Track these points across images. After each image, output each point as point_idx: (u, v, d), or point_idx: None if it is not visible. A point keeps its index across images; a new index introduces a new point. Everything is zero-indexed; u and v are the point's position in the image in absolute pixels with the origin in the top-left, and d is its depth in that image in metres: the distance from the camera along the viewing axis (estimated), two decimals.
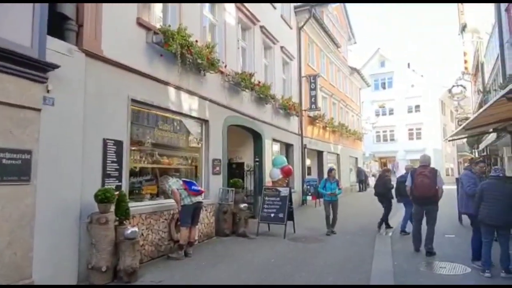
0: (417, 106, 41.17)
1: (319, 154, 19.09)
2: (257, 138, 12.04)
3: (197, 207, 6.74)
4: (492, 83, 14.35)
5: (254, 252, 7.13)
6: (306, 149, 16.43)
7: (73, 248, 5.02)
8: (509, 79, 9.08)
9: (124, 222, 5.52)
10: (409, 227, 8.03)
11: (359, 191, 25.07)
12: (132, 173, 6.61)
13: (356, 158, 26.68)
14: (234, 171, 12.30)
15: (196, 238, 7.47)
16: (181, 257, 6.49)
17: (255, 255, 6.92)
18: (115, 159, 5.82)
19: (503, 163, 16.15)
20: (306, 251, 7.25)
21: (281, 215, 8.75)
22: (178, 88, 7.52)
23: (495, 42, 12.68)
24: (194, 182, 6.92)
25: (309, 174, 18.40)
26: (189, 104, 7.96)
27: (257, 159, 11.71)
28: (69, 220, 4.98)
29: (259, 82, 10.73)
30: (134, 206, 6.16)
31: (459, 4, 22.79)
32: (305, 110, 16.29)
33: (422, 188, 6.70)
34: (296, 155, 15.41)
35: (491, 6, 13.11)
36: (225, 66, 9.37)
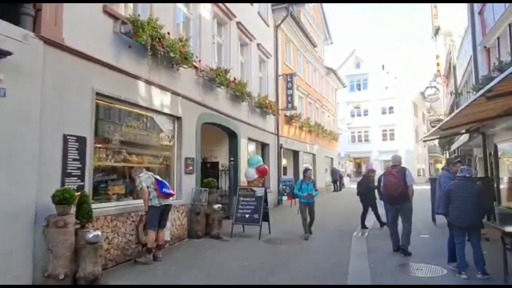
0: (391, 108, 42.00)
1: (295, 154, 18.97)
2: (233, 137, 11.73)
3: (165, 209, 6.37)
4: (464, 85, 14.62)
5: (227, 255, 6.83)
6: (282, 149, 16.25)
7: (26, 254, 4.57)
8: (482, 81, 9.16)
9: (87, 225, 5.10)
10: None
11: (334, 191, 25.18)
12: (98, 172, 6.17)
13: (332, 158, 26.82)
14: (209, 170, 11.96)
15: (168, 239, 7.12)
16: (149, 262, 6.11)
17: (228, 258, 6.62)
18: (77, 157, 5.38)
19: (476, 164, 16.53)
20: (281, 254, 7.01)
21: (256, 216, 8.49)
22: (148, 82, 7.11)
23: (468, 45, 12.89)
24: (166, 183, 6.50)
25: (285, 174, 18.24)
26: (161, 99, 7.56)
27: (232, 159, 11.40)
28: (21, 224, 4.52)
29: (235, 79, 10.42)
30: (98, 208, 5.74)
31: (433, 7, 23.28)
32: (281, 109, 16.10)
33: (390, 187, 6.80)
34: (272, 155, 15.21)
35: (464, 9, 13.32)
36: (200, 61, 9.02)
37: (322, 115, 24.50)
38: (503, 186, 9.77)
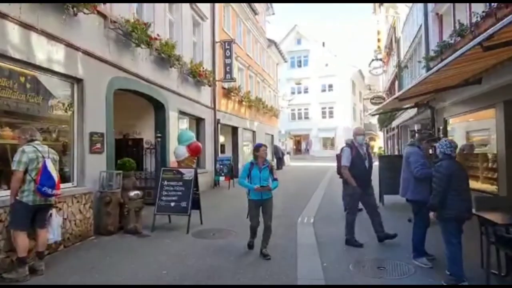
0: (330, 86, 42.04)
1: (234, 130, 17.51)
2: (159, 109, 9.89)
3: (41, 208, 4.52)
4: (410, 58, 14.04)
5: (142, 259, 5.21)
6: (219, 125, 14.68)
7: None
8: (440, 47, 8.29)
9: None
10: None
11: (277, 169, 24.30)
12: None
13: (272, 136, 25.82)
14: (131, 149, 10.11)
15: (58, 239, 5.28)
16: (22, 277, 4.29)
17: (143, 263, 5.01)
18: None
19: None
20: (213, 253, 5.55)
21: (184, 204, 6.90)
22: (26, 26, 5.08)
23: (417, 13, 12.14)
24: (54, 176, 4.45)
25: (222, 152, 16.76)
26: (49, 53, 5.55)
27: (159, 135, 9.58)
28: None
29: (158, 35, 8.50)
30: None
31: None
32: (218, 81, 14.42)
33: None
34: (208, 131, 13.58)
35: None
36: (109, 9, 7.01)
37: (263, 90, 23.19)
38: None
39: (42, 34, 5.38)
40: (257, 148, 5.47)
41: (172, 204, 6.93)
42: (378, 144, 57.92)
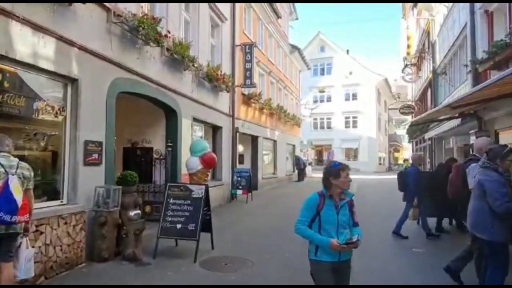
0: (354, 94, 40.53)
1: (254, 139, 16.49)
2: (171, 115, 8.98)
3: (1, 238, 3.55)
4: (448, 63, 12.70)
5: None
6: (238, 133, 13.69)
7: None
8: (495, 46, 7.03)
9: None
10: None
11: (298, 180, 23.11)
12: None
13: (294, 146, 24.64)
14: (139, 159, 9.22)
15: (29, 276, 4.34)
16: None
17: None
18: None
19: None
20: None
21: (192, 226, 5.87)
22: (3, 13, 4.22)
23: (460, 12, 10.87)
24: (18, 197, 3.42)
25: (241, 163, 15.76)
26: (33, 46, 4.68)
27: (169, 144, 8.67)
28: None
29: (169, 32, 7.59)
30: None
31: None
32: (238, 86, 13.47)
33: None
34: (225, 140, 12.61)
35: None
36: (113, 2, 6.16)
37: (285, 98, 22.13)
38: None
39: (26, 23, 4.51)
40: (336, 170, 2.95)
41: (178, 226, 5.91)
42: (402, 155, 56.01)
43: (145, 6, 7.77)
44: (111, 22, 6.13)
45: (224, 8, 12.32)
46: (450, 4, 12.24)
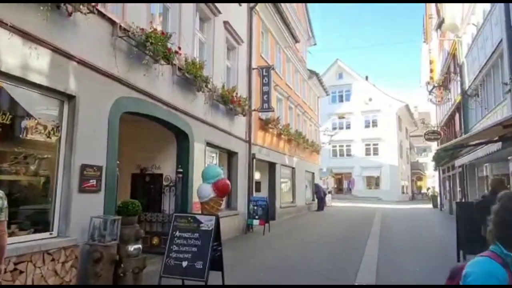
0: (374, 121, 39.61)
1: (271, 166, 15.71)
2: (182, 139, 8.38)
3: None
4: (480, 84, 11.84)
5: None
6: (254, 160, 12.98)
7: None
8: None
9: None
10: None
11: (318, 210, 22.01)
12: None
13: (313, 173, 23.69)
14: (148, 186, 8.56)
15: None
16: None
17: None
18: None
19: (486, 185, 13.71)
20: None
21: (199, 264, 5.08)
22: None
23: (492, 30, 10.13)
24: None
25: (258, 190, 14.96)
26: (24, 58, 4.18)
27: (180, 170, 8.03)
28: None
29: (179, 49, 7.08)
30: None
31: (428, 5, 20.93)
32: (255, 110, 12.90)
33: None
34: (241, 167, 11.89)
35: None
36: (120, 14, 5.72)
37: (304, 124, 21.46)
38: None
39: (15, 32, 4.03)
40: None
41: (184, 264, 5.13)
42: (425, 184, 53.86)
43: (156, 24, 7.35)
44: (116, 36, 5.66)
45: (241, 30, 11.96)
46: (480, 23, 11.53)
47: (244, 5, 12.56)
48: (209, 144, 9.57)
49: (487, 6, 10.97)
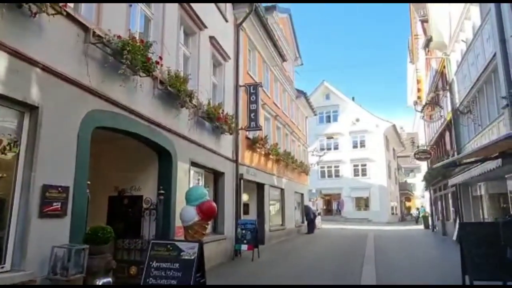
0: (362, 142, 39.57)
1: (260, 187, 15.09)
2: (164, 158, 7.77)
3: None
4: (472, 100, 11.62)
5: None
6: (242, 180, 12.36)
7: None
8: None
9: None
10: None
11: (308, 233, 21.30)
12: None
13: (302, 194, 23.07)
14: (125, 209, 7.86)
15: None
16: None
17: None
18: None
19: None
20: None
21: None
22: None
23: (481, 46, 9.98)
24: None
25: (246, 213, 14.27)
26: None
27: (162, 191, 7.36)
28: None
29: (161, 59, 6.55)
30: None
31: (414, 24, 21.12)
32: (242, 129, 12.39)
33: None
34: (228, 188, 11.25)
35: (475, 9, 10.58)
36: (94, 20, 5.20)
37: (292, 144, 21.01)
38: None
39: None
40: None
41: None
42: (414, 205, 53.62)
43: (134, 27, 6.85)
44: (89, 42, 5.12)
45: (227, 47, 11.60)
46: (470, 39, 11.42)
47: (231, 21, 12.26)
48: (194, 164, 8.96)
49: (477, 21, 10.88)
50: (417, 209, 42.24)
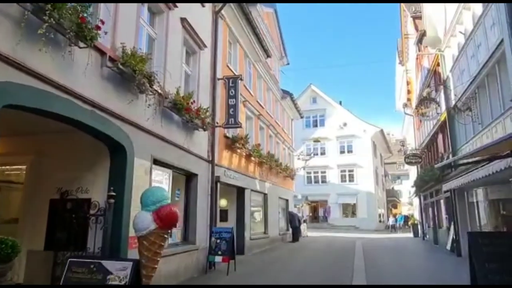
0: (350, 147, 38.66)
1: (240, 192, 13.80)
2: (117, 153, 6.45)
3: None
4: (472, 97, 10.61)
5: None
6: (219, 183, 11.07)
7: None
8: None
9: None
10: None
11: (293, 241, 20.05)
12: None
13: (287, 200, 21.85)
14: (69, 215, 6.50)
15: None
16: None
17: None
18: None
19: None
20: None
21: None
22: None
23: (483, 37, 9.00)
24: None
25: (224, 220, 12.99)
26: None
27: (112, 193, 6.03)
28: None
29: (103, 23, 5.23)
30: None
31: (404, 23, 20.30)
32: (219, 126, 11.14)
33: None
34: (202, 192, 9.94)
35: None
36: None
37: (277, 146, 19.83)
38: None
39: None
40: None
41: None
42: (400, 211, 52.82)
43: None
44: None
45: (204, 34, 10.36)
46: (469, 30, 10.45)
47: (208, 7, 11.05)
48: (157, 162, 7.64)
49: (477, 11, 9.92)
50: (394, 215, 41.16)
